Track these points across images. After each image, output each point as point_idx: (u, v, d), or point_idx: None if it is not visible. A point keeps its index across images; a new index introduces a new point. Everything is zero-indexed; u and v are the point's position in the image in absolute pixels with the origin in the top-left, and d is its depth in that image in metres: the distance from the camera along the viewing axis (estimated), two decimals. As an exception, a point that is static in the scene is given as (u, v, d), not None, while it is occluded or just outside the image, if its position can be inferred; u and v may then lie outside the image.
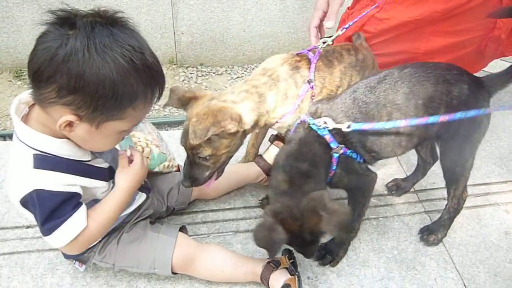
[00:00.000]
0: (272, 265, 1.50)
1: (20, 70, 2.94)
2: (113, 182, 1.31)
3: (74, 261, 1.51)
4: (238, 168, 1.86)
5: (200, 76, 3.17)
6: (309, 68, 1.52)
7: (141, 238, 1.48)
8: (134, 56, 1.01)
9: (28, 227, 1.71)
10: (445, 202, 1.93)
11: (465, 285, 1.63)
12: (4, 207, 1.77)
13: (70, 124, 1.05)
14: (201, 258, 1.50)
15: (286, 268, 1.50)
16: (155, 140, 1.64)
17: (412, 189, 1.99)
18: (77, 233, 1.19)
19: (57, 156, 1.14)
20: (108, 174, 1.31)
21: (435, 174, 2.07)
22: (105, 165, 1.30)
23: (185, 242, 1.50)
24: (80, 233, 1.19)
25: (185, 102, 1.41)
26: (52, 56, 0.97)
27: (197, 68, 3.22)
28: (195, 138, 1.25)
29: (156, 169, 1.63)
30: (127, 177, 1.28)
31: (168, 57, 3.18)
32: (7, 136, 2.40)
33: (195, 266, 1.50)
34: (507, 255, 1.75)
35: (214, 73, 3.21)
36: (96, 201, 1.28)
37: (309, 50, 1.59)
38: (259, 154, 1.89)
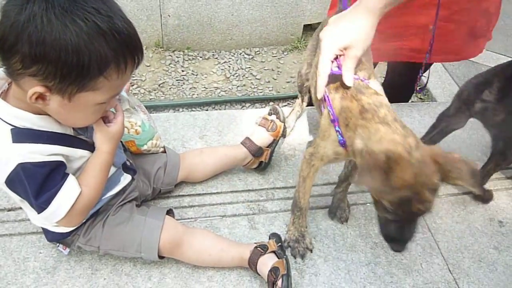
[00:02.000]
0: (260, 249, 1.49)
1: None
2: None
3: (58, 244, 1.48)
4: (226, 150, 1.84)
5: (186, 60, 3.13)
6: None
7: (127, 220, 1.45)
8: (98, 19, 0.95)
9: (9, 210, 1.66)
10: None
11: (450, 270, 1.65)
12: (-15, 190, 1.72)
13: (42, 97, 1.01)
14: (189, 242, 1.48)
15: (274, 252, 1.49)
16: (145, 110, 1.61)
17: (399, 176, 2.00)
18: (74, 200, 1.16)
19: (36, 129, 1.10)
20: (93, 145, 1.25)
21: (422, 161, 2.08)
22: (88, 140, 1.25)
23: (172, 225, 1.48)
24: (76, 200, 1.16)
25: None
26: (12, 23, 0.92)
27: (183, 52, 3.19)
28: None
29: (145, 147, 1.60)
30: (107, 140, 1.22)
31: (154, 40, 3.13)
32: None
33: (182, 250, 1.48)
34: (491, 241, 1.77)
35: (201, 57, 3.18)
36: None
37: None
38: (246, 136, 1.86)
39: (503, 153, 1.70)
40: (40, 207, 1.14)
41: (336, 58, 1.32)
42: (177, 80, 2.98)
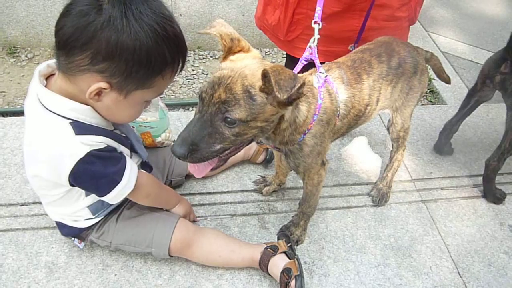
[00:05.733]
0: (271, 250, 1.49)
1: (14, 47, 2.88)
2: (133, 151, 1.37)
3: (73, 238, 1.50)
4: None
5: (197, 60, 3.13)
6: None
7: (142, 214, 1.47)
8: (166, 24, 1.03)
9: (22, 204, 1.68)
10: (442, 191, 1.96)
11: (459, 274, 1.65)
12: (-2, 184, 1.74)
13: (98, 93, 1.06)
14: (199, 243, 1.49)
15: (285, 252, 1.50)
16: (159, 98, 1.64)
17: (409, 178, 2.00)
18: (137, 169, 1.29)
19: (88, 123, 1.14)
20: (129, 143, 1.33)
21: (433, 164, 2.08)
22: (124, 135, 1.30)
23: (184, 225, 1.49)
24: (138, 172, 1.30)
25: (234, 48, 1.14)
26: (88, 23, 0.97)
27: (194, 51, 3.19)
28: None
29: (159, 139, 1.64)
30: (184, 209, 1.56)
31: (165, 39, 3.14)
32: (0, 114, 2.36)
33: (192, 250, 1.49)
34: (501, 246, 1.77)
35: (211, 57, 3.18)
36: None
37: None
38: None
39: None
40: (114, 181, 1.22)
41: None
42: (187, 79, 2.98)
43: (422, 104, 2.62)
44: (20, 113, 2.33)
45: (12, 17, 2.77)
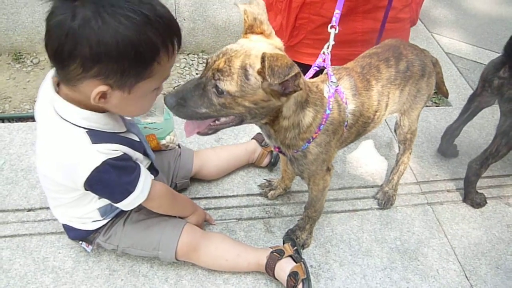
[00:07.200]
0: (277, 254, 1.49)
1: (19, 52, 2.90)
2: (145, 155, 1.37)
3: (81, 242, 1.50)
4: (236, 144, 1.94)
5: (201, 63, 3.14)
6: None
7: (150, 218, 1.47)
8: (143, 8, 0.99)
9: (29, 210, 1.69)
10: (448, 194, 1.95)
11: (466, 277, 1.64)
12: (5, 190, 1.74)
13: (103, 95, 1.05)
14: (206, 247, 1.49)
15: (291, 256, 1.49)
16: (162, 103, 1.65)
17: (415, 180, 2.00)
18: (150, 183, 1.30)
19: (103, 131, 1.15)
20: (142, 146, 1.33)
21: (438, 166, 2.08)
22: (137, 138, 1.31)
23: (191, 229, 1.50)
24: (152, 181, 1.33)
25: (255, 28, 1.18)
26: (67, 30, 0.95)
27: (198, 55, 3.19)
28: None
29: (163, 142, 1.64)
30: (197, 218, 1.58)
31: (170, 43, 3.15)
32: (6, 119, 2.37)
33: (198, 254, 1.49)
34: (509, 248, 1.76)
35: (215, 60, 3.19)
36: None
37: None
38: None
39: (507, 134, 1.74)
40: (127, 191, 1.23)
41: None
42: (191, 83, 3.00)
43: (427, 106, 2.61)
44: (26, 118, 2.34)
45: (17, 23, 2.79)
